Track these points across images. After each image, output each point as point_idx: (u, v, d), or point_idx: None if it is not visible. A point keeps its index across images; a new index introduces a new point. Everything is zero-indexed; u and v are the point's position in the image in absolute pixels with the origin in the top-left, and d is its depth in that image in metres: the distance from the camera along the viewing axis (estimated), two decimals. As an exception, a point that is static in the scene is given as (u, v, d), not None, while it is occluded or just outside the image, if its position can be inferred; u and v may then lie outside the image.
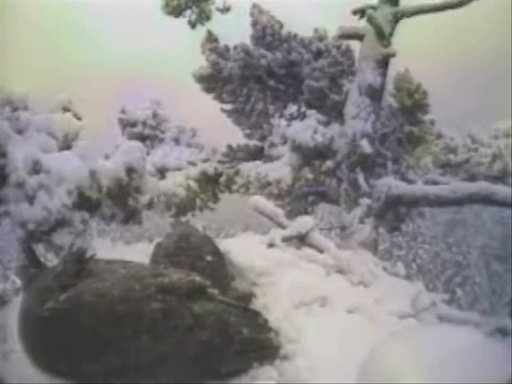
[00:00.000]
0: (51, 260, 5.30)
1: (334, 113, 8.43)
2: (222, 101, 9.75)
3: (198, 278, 2.84)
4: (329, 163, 8.37)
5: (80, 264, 2.66)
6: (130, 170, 5.55)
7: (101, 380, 2.48)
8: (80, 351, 2.46)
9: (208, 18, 8.82)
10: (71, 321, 2.48)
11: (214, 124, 11.44)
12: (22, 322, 2.60)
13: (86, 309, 2.50)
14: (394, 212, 8.86)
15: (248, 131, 9.87)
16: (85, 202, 5.16)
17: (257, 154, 9.59)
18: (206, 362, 2.66)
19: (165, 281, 2.70)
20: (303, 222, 4.96)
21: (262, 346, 2.86)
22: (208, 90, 9.58)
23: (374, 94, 6.93)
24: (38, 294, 2.59)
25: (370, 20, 6.76)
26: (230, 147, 9.77)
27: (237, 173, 8.98)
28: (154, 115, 10.34)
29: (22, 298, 2.84)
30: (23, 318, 2.61)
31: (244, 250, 3.94)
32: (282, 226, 4.97)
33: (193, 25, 8.79)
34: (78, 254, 2.70)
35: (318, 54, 9.04)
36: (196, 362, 2.62)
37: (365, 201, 6.84)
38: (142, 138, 9.69)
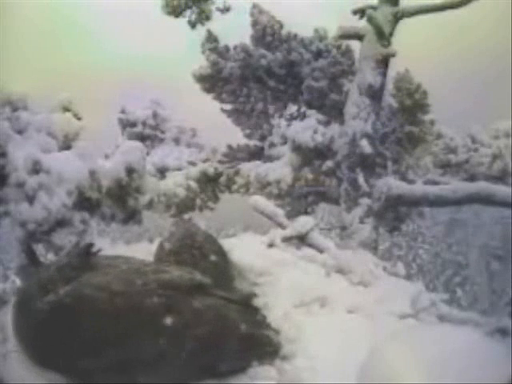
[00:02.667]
0: (51, 260, 5.30)
1: (334, 113, 8.44)
2: (222, 101, 9.75)
3: (198, 276, 2.84)
4: (329, 163, 8.38)
5: (85, 258, 2.68)
6: (130, 170, 5.55)
7: (99, 375, 2.48)
8: (79, 345, 2.46)
9: (208, 18, 8.82)
10: (71, 315, 2.48)
11: (213, 124, 11.45)
12: (20, 315, 2.59)
13: (87, 303, 2.50)
14: (393, 212, 8.86)
15: (248, 131, 9.88)
16: (85, 202, 5.16)
17: (257, 154, 9.60)
18: (204, 358, 2.66)
19: (166, 277, 2.71)
20: (303, 222, 4.96)
21: (260, 342, 2.86)
22: (208, 89, 9.59)
23: (374, 94, 6.93)
24: (40, 284, 2.58)
25: (370, 20, 6.75)
26: (230, 147, 9.78)
27: (237, 173, 8.99)
28: (154, 115, 10.36)
29: (20, 289, 2.83)
30: (21, 310, 2.60)
31: (244, 249, 3.93)
32: (282, 226, 4.97)
33: (193, 25, 8.80)
34: (84, 248, 2.72)
35: (318, 54, 9.04)
36: (195, 358, 2.62)
37: (365, 201, 6.84)
38: (142, 138, 9.70)
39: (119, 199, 5.53)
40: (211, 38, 9.42)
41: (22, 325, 2.56)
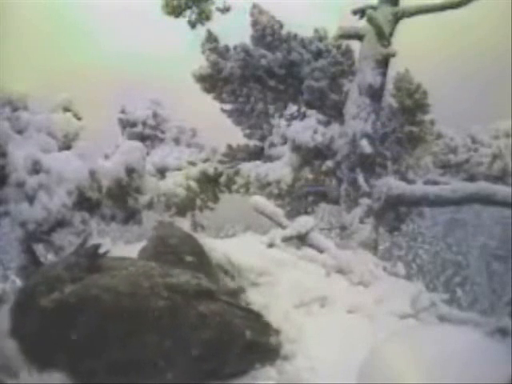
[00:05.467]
0: (54, 259, 5.31)
1: (334, 113, 8.43)
2: (222, 101, 9.75)
3: (204, 282, 2.86)
4: (329, 163, 8.38)
5: (93, 258, 2.68)
6: (130, 170, 5.54)
7: (102, 376, 2.48)
8: (82, 345, 2.46)
9: (208, 17, 8.82)
10: (76, 314, 2.49)
11: (213, 124, 11.45)
12: (23, 311, 2.58)
13: (92, 303, 2.50)
14: (393, 212, 8.87)
15: (248, 131, 9.88)
16: (85, 202, 5.15)
17: (257, 154, 9.60)
18: (208, 361, 2.67)
19: (173, 281, 2.72)
20: (303, 222, 4.97)
21: (263, 348, 2.87)
22: (208, 89, 9.59)
23: (374, 94, 6.92)
24: (46, 281, 2.58)
25: (370, 20, 6.75)
26: (230, 147, 9.78)
27: (237, 173, 8.99)
28: (154, 115, 10.35)
29: (23, 287, 2.83)
30: (24, 306, 2.59)
31: (244, 249, 3.94)
32: (281, 226, 4.98)
33: (193, 25, 8.79)
34: (92, 248, 2.72)
35: (318, 54, 9.04)
36: (199, 361, 2.63)
37: (365, 201, 6.84)
38: (142, 138, 9.69)
39: (119, 199, 5.52)
40: (211, 38, 9.42)
41: (24, 322, 2.56)
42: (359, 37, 7.23)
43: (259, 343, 2.85)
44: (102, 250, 2.75)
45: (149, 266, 2.92)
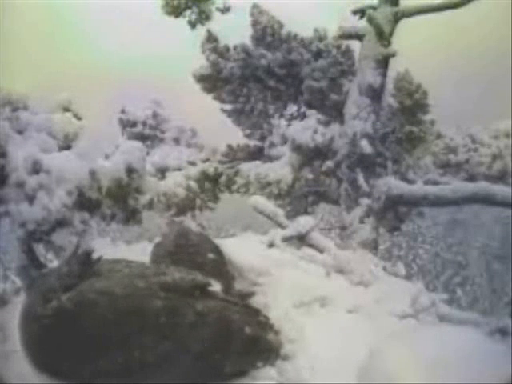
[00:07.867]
0: (51, 260, 5.31)
1: (334, 113, 8.43)
2: (222, 101, 9.75)
3: (199, 277, 2.86)
4: (329, 163, 8.38)
5: (85, 266, 2.68)
6: (130, 170, 5.53)
7: (104, 379, 2.48)
8: (83, 350, 2.46)
9: (208, 17, 8.81)
10: (74, 319, 2.49)
11: (213, 124, 11.45)
12: (24, 322, 2.60)
13: (89, 307, 2.51)
14: (393, 212, 8.86)
15: (248, 131, 9.88)
16: (85, 202, 5.15)
17: (257, 154, 9.60)
18: (209, 360, 2.67)
19: (167, 279, 2.72)
20: (303, 222, 4.97)
21: (263, 345, 2.87)
22: (208, 90, 9.59)
23: (374, 94, 6.92)
24: (41, 294, 2.59)
25: (370, 20, 6.75)
26: (230, 147, 9.78)
27: (237, 173, 8.99)
28: (154, 115, 10.36)
29: (24, 300, 2.84)
30: (25, 318, 2.61)
31: (244, 249, 3.94)
32: (281, 226, 4.98)
33: (193, 25, 8.79)
34: (84, 255, 2.72)
35: (318, 54, 9.04)
36: (199, 359, 2.63)
37: (365, 201, 6.84)
38: (142, 138, 9.70)
39: (119, 199, 5.51)
40: (211, 38, 9.41)
41: (26, 332, 2.57)
42: (359, 37, 7.23)
43: (259, 338, 2.84)
44: (94, 256, 2.74)
45: (143, 267, 2.92)
